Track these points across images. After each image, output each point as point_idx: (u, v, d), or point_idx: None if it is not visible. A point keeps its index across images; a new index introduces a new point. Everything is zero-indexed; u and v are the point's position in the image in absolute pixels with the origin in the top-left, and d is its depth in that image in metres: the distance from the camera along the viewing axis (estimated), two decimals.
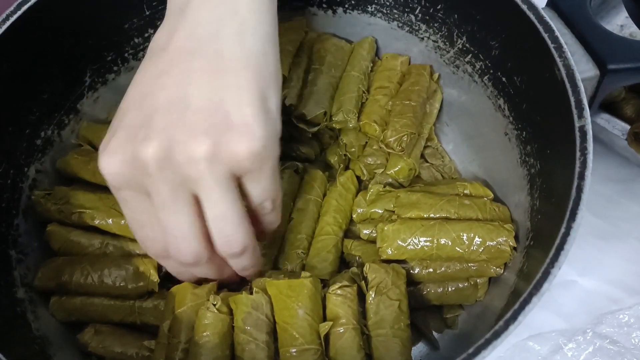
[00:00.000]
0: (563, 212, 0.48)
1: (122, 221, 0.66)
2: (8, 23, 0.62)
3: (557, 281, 0.45)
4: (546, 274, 0.45)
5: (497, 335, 0.43)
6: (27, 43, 0.65)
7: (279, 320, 0.57)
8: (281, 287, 0.57)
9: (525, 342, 0.67)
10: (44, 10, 0.65)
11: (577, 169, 0.49)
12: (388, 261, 0.64)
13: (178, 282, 0.64)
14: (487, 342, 0.43)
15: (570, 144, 0.51)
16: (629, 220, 0.76)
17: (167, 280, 0.66)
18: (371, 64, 0.78)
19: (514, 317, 0.43)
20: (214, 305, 0.57)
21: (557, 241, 0.46)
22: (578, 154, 0.50)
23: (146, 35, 0.77)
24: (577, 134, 0.51)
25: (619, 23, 0.87)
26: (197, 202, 0.48)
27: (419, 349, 0.67)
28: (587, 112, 0.51)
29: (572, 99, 0.52)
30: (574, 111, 0.52)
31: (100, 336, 0.64)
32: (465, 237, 0.61)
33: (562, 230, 0.47)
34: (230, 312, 0.58)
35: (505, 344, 0.44)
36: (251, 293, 0.58)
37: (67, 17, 0.68)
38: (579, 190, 0.48)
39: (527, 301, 0.44)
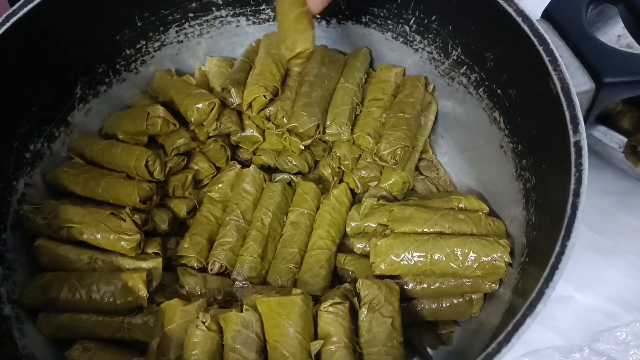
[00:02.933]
0: (558, 229, 0.47)
1: (112, 235, 0.65)
2: None
3: (553, 296, 0.44)
4: (540, 294, 0.44)
5: (489, 357, 0.42)
6: (16, 55, 0.64)
7: (269, 338, 0.55)
8: (271, 304, 0.56)
9: (522, 359, 0.66)
10: (34, 21, 0.64)
11: (572, 186, 0.48)
12: (381, 276, 0.63)
13: (168, 297, 0.63)
14: None
15: (565, 159, 0.50)
16: (626, 234, 0.75)
17: (158, 295, 0.65)
18: (365, 76, 0.77)
19: (507, 340, 0.42)
20: (204, 323, 0.56)
21: (552, 260, 0.45)
22: (573, 170, 0.49)
23: (138, 46, 0.76)
24: (573, 149, 0.50)
25: (616, 33, 0.87)
26: None
27: None
28: (582, 127, 0.50)
29: (567, 114, 0.51)
30: (569, 126, 0.51)
31: (88, 353, 0.63)
32: (459, 253, 0.60)
33: (557, 248, 0.46)
34: (220, 330, 0.57)
35: None
36: (241, 311, 0.57)
37: (57, 28, 0.67)
38: (574, 207, 0.47)
39: (520, 323, 0.43)
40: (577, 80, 0.59)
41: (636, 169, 0.72)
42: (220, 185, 0.75)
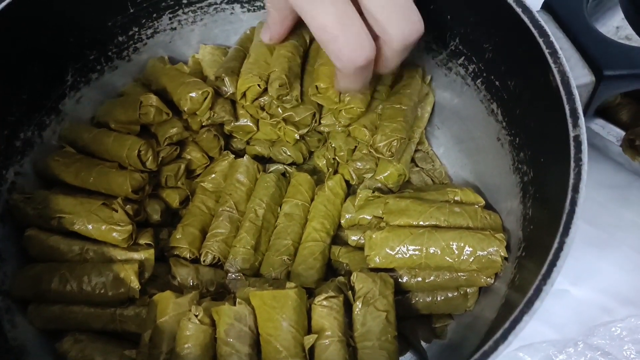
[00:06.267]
0: (556, 225, 0.47)
1: (103, 226, 0.64)
2: None
3: None
4: (538, 291, 0.43)
5: (486, 355, 0.41)
6: (5, 40, 0.63)
7: (263, 332, 0.55)
8: (265, 297, 0.55)
9: (516, 352, 0.66)
10: (23, 6, 0.62)
11: (571, 181, 0.48)
12: (376, 269, 0.62)
13: (161, 288, 0.62)
14: None
15: (564, 154, 0.50)
16: (622, 228, 0.74)
17: (150, 286, 0.65)
18: None
19: (504, 337, 0.42)
20: (196, 316, 0.55)
21: (550, 257, 0.45)
22: (572, 164, 0.48)
23: (130, 33, 0.75)
24: (572, 143, 0.49)
25: (615, 25, 0.86)
26: None
27: (407, 359, 0.66)
28: (582, 121, 0.50)
29: (566, 107, 0.51)
30: (569, 119, 0.50)
31: (79, 345, 0.62)
32: (455, 247, 0.60)
33: (555, 245, 0.45)
34: (213, 323, 0.56)
35: None
36: (234, 304, 0.56)
37: (47, 13, 0.66)
38: (573, 203, 0.47)
39: (517, 320, 0.42)
40: (577, 73, 0.58)
41: (633, 163, 0.72)
42: (213, 175, 0.74)
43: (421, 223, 0.63)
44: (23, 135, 0.69)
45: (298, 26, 0.73)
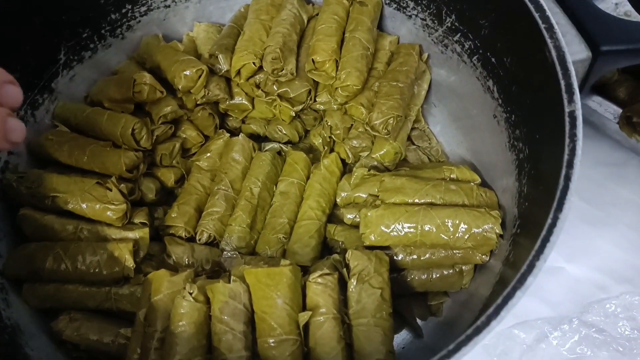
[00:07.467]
0: (551, 201, 0.47)
1: (97, 205, 0.64)
2: None
3: (543, 267, 0.44)
4: (531, 267, 0.43)
5: (478, 331, 0.41)
6: None
7: (257, 309, 0.55)
8: (260, 275, 0.55)
9: (511, 330, 0.66)
10: None
11: (565, 157, 0.47)
12: (371, 247, 0.62)
13: (156, 267, 0.62)
14: (468, 339, 0.41)
15: (559, 130, 0.49)
16: (619, 205, 0.74)
17: (145, 265, 0.65)
18: None
19: (496, 312, 0.42)
20: (190, 293, 0.55)
21: (543, 232, 0.45)
22: (567, 140, 0.48)
23: (123, 10, 0.74)
24: (567, 119, 0.49)
25: (614, 1, 0.85)
26: None
27: (402, 336, 0.66)
28: (577, 96, 0.49)
29: (562, 83, 0.50)
30: (564, 95, 0.50)
31: (75, 324, 0.62)
32: (450, 224, 0.60)
33: (549, 220, 0.45)
34: (208, 301, 0.56)
35: None
36: (229, 282, 0.56)
37: None
38: (567, 179, 0.46)
39: (510, 295, 0.42)
40: (573, 49, 0.57)
41: (630, 140, 0.71)
42: (208, 154, 0.74)
43: (417, 201, 0.62)
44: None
45: (297, 5, 0.73)
